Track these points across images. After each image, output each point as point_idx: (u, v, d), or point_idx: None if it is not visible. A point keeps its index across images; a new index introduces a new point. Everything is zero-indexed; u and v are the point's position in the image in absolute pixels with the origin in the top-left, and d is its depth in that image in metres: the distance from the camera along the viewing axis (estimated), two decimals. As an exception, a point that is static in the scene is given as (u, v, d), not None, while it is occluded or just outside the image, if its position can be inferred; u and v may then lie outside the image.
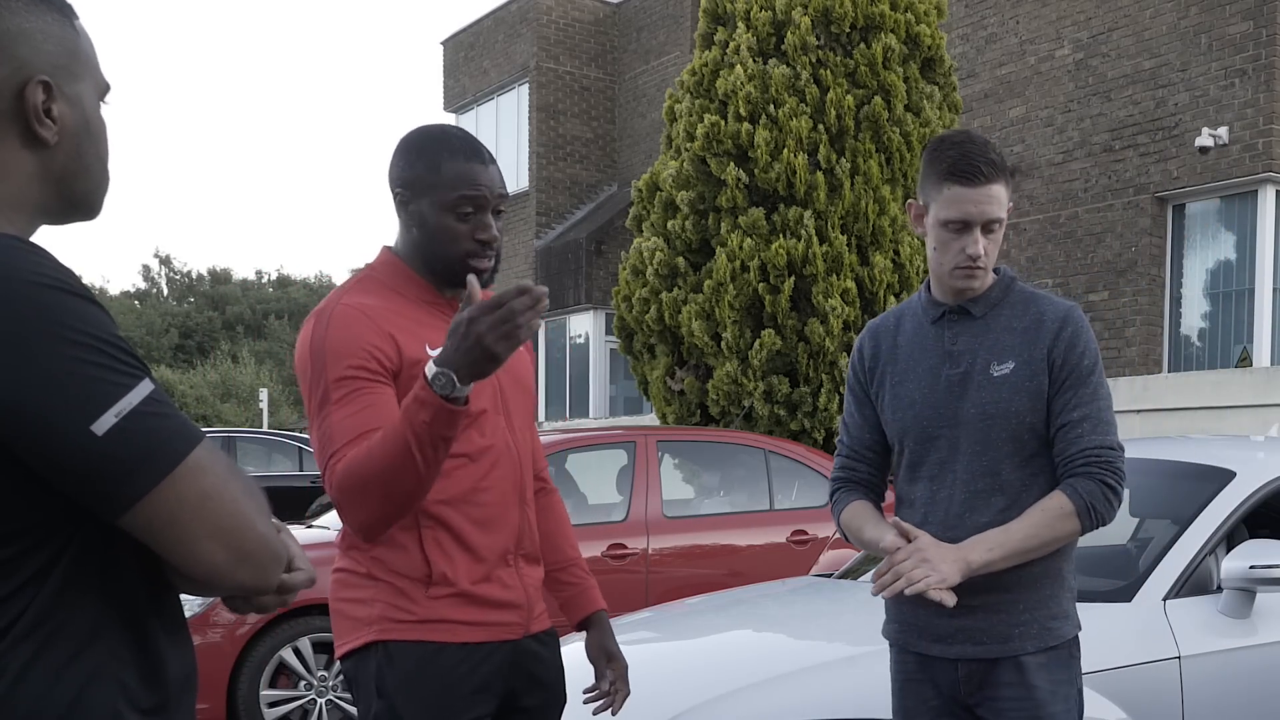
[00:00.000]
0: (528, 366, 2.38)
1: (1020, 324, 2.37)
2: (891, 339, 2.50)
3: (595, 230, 18.36)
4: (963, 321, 2.41)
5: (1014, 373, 2.34)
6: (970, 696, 2.40)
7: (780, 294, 8.97)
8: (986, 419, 2.34)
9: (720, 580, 5.98)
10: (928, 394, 2.40)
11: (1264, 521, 4.18)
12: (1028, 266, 12.89)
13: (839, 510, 2.55)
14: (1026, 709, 2.35)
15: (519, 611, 2.26)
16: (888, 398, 2.46)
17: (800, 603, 4.21)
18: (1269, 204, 11.39)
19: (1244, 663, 3.34)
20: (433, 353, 2.09)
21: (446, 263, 2.19)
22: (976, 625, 2.36)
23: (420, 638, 2.15)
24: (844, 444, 2.57)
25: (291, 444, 14.15)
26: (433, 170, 2.17)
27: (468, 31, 20.88)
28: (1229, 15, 11.20)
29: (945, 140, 2.38)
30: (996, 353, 2.36)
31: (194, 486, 1.19)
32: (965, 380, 2.37)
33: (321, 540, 6.08)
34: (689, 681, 3.30)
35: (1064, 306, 2.39)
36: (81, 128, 1.30)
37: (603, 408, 18.67)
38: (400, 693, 2.15)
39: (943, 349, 2.41)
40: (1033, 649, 2.35)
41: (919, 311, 2.49)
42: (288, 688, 5.76)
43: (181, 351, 46.64)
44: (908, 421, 2.42)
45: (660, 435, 6.97)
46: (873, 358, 2.51)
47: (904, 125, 9.29)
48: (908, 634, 2.47)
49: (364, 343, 2.08)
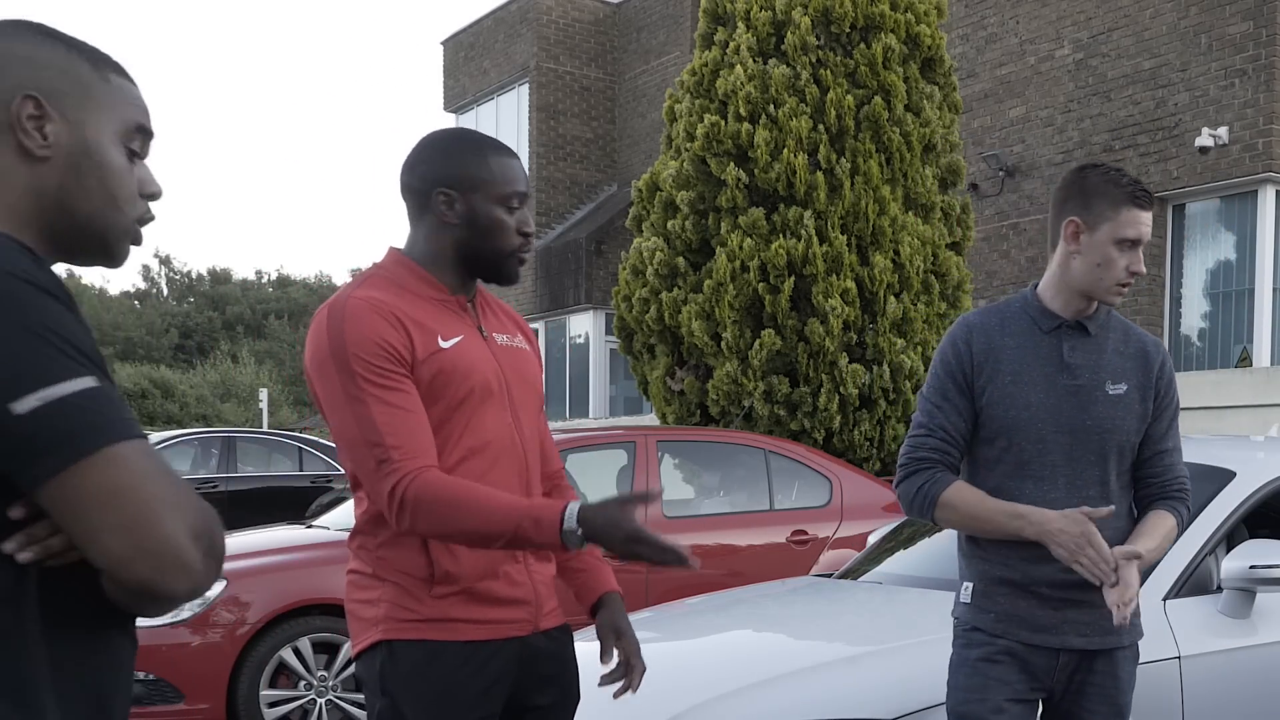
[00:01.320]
0: (535, 366, 2.40)
1: (1128, 349, 2.64)
2: (999, 338, 2.62)
3: (595, 230, 18.36)
4: (1078, 336, 2.61)
5: (1127, 394, 2.60)
6: (1060, 684, 2.60)
7: (780, 294, 8.97)
8: (1103, 432, 2.57)
9: (720, 580, 5.97)
10: (1044, 398, 2.56)
11: (1264, 521, 4.18)
12: (1028, 266, 12.89)
13: (939, 488, 2.57)
14: (1109, 697, 2.59)
15: (527, 608, 2.27)
16: (998, 394, 2.57)
17: (800, 603, 4.21)
18: (1269, 204, 11.39)
19: (1244, 663, 3.34)
20: (445, 344, 2.16)
21: (496, 256, 2.24)
22: (1083, 618, 2.56)
23: (424, 636, 2.17)
24: (936, 426, 2.61)
25: (291, 444, 14.15)
26: (482, 167, 2.22)
27: (468, 31, 20.87)
28: (1229, 15, 11.20)
29: (1113, 170, 2.61)
30: (1111, 373, 2.60)
31: (105, 478, 1.21)
32: (1081, 393, 2.57)
33: (321, 540, 6.08)
34: (689, 681, 3.29)
35: (1158, 340, 2.72)
36: (80, 151, 1.37)
37: (603, 408, 18.67)
38: (403, 691, 2.17)
39: (1059, 359, 2.58)
40: (1126, 642, 2.61)
41: (1028, 319, 2.62)
42: (288, 688, 5.75)
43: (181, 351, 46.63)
44: (1023, 421, 2.56)
45: (660, 435, 6.97)
46: (983, 352, 2.60)
47: (904, 125, 9.28)
48: (1006, 624, 2.60)
49: (382, 334, 2.11)
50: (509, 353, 2.31)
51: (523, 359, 2.34)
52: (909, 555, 4.38)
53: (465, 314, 2.26)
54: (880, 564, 4.34)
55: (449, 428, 2.16)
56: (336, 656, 5.82)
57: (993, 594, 2.61)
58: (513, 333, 2.36)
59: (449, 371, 2.16)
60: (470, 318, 2.27)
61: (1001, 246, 13.16)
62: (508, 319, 2.39)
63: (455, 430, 2.17)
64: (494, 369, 2.25)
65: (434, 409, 2.15)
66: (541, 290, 18.94)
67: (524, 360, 2.34)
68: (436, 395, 2.15)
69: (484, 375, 2.22)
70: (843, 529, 6.68)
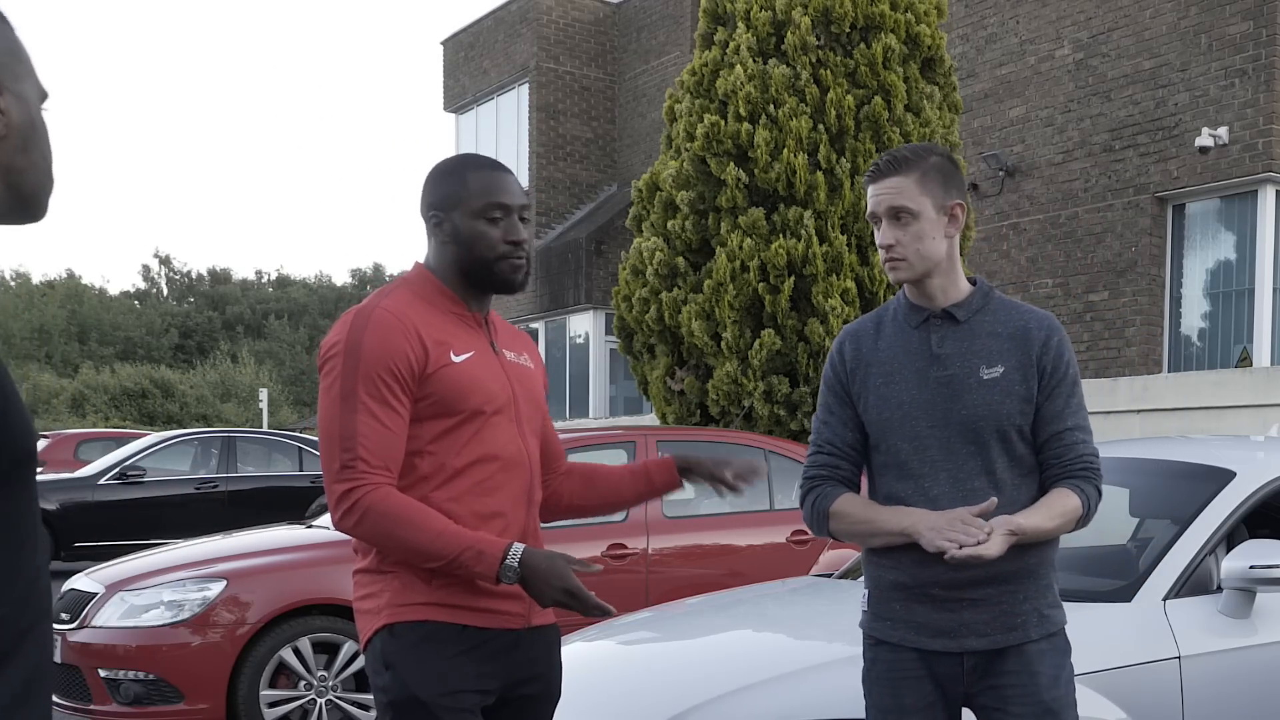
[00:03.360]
0: (540, 385, 2.53)
1: (1005, 329, 2.48)
2: (872, 341, 2.56)
3: (595, 230, 18.36)
4: (947, 325, 2.50)
5: (1004, 376, 2.44)
6: (973, 687, 2.47)
7: (780, 294, 8.97)
8: (978, 420, 2.43)
9: (720, 580, 5.98)
10: (916, 395, 2.47)
11: (1264, 521, 4.18)
12: (1028, 266, 12.89)
13: (828, 502, 2.54)
14: (1031, 694, 2.43)
15: (521, 603, 2.35)
16: (872, 398, 2.51)
17: (800, 603, 4.21)
18: (1269, 204, 11.39)
19: (1244, 663, 3.34)
20: (457, 358, 2.30)
21: (484, 266, 2.36)
22: (980, 618, 2.44)
23: (424, 618, 2.27)
24: (823, 442, 2.59)
25: (291, 444, 14.15)
26: (460, 185, 2.36)
27: (468, 31, 20.88)
28: (1229, 15, 11.20)
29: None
30: (984, 356, 2.46)
31: None
32: (953, 382, 2.46)
33: (321, 540, 6.08)
34: (689, 681, 3.29)
35: (1047, 315, 2.53)
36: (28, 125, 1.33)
37: (603, 408, 18.68)
38: (404, 661, 2.26)
39: (928, 352, 2.49)
40: (1035, 636, 2.45)
41: (899, 316, 2.56)
42: (288, 688, 5.75)
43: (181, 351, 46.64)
44: (895, 421, 2.48)
45: (660, 435, 6.97)
46: (854, 359, 2.56)
47: (904, 125, 9.29)
48: (903, 631, 2.49)
49: (398, 350, 2.25)
50: (518, 370, 2.45)
51: (530, 377, 2.48)
52: (909, 555, 4.38)
53: (480, 330, 2.41)
54: (880, 564, 4.33)
55: (457, 436, 2.29)
56: (336, 656, 5.82)
57: (888, 600, 2.51)
58: (520, 351, 2.50)
59: (459, 384, 2.29)
60: (484, 334, 2.41)
61: (1001, 246, 13.16)
62: (515, 339, 2.53)
63: (463, 439, 2.30)
64: (504, 384, 2.38)
65: (445, 419, 2.29)
66: (541, 290, 18.94)
67: (531, 378, 2.48)
68: (448, 406, 2.28)
69: (493, 389, 2.34)
70: (843, 529, 6.67)
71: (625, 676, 3.47)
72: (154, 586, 5.68)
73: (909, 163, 2.47)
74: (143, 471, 12.55)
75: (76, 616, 5.72)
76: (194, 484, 12.79)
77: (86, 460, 15.88)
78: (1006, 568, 2.39)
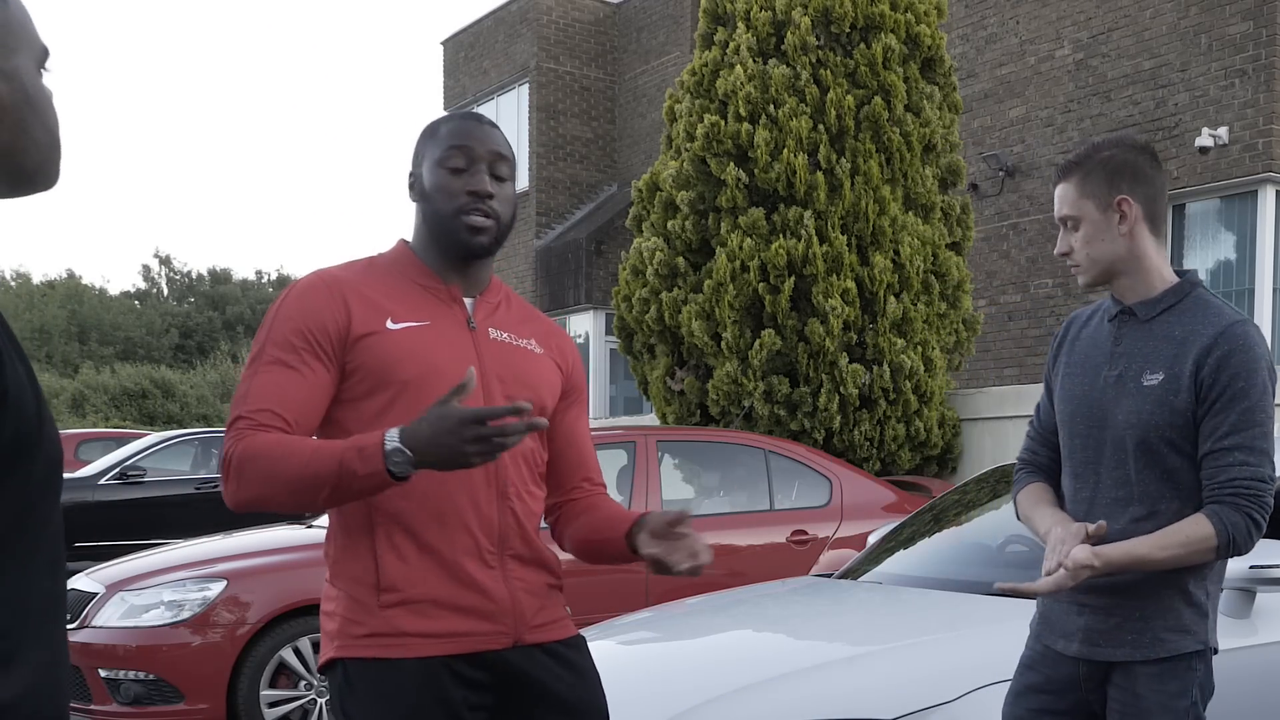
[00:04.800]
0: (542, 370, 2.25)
1: (1181, 333, 2.34)
2: (1079, 330, 2.54)
3: (595, 230, 18.36)
4: (1130, 323, 2.42)
5: (1160, 385, 2.33)
6: (1090, 694, 2.45)
7: (780, 294, 8.97)
8: (1129, 427, 2.35)
9: (720, 580, 5.98)
10: (1088, 391, 2.43)
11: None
12: (1028, 266, 12.89)
13: (1016, 490, 2.58)
14: (1127, 714, 2.37)
15: (502, 620, 2.10)
16: (1058, 388, 2.52)
17: (800, 603, 4.21)
18: (1269, 204, 11.38)
19: (1244, 663, 3.33)
20: (394, 326, 2.08)
21: (442, 221, 2.12)
22: (1095, 626, 2.40)
23: (374, 654, 2.04)
24: (1032, 426, 2.61)
25: (291, 444, 14.15)
26: (430, 139, 2.17)
27: (468, 31, 20.87)
28: (1229, 15, 11.20)
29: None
30: (1151, 361, 2.36)
31: None
32: (1119, 384, 2.39)
33: (321, 540, 6.08)
34: (689, 681, 3.30)
35: (1224, 321, 2.33)
36: (22, 102, 1.28)
37: (603, 408, 18.67)
38: (361, 715, 2.05)
39: (1110, 349, 2.43)
40: (1142, 657, 2.36)
41: (1106, 307, 2.50)
42: (288, 688, 5.75)
43: (181, 351, 46.62)
44: (1066, 415, 2.47)
45: (660, 435, 6.97)
46: (1059, 346, 2.56)
47: (904, 125, 9.29)
48: (1043, 626, 2.54)
49: (313, 313, 2.05)
50: (502, 349, 2.18)
51: (522, 359, 2.20)
52: (909, 555, 4.38)
53: (455, 304, 2.16)
54: (880, 564, 4.34)
55: (394, 416, 2.02)
56: (336, 656, 5.82)
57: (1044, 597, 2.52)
58: (520, 333, 2.23)
59: (388, 352, 2.06)
60: (462, 309, 2.17)
61: (1001, 246, 13.16)
62: (522, 320, 2.27)
63: (399, 416, 2.01)
64: (464, 360, 2.10)
65: (380, 394, 2.06)
66: (541, 290, 18.93)
67: (523, 360, 2.20)
68: (378, 378, 2.06)
69: (439, 364, 2.08)
70: (843, 529, 6.68)
71: (625, 676, 3.47)
72: (154, 586, 5.69)
73: (1074, 167, 2.41)
74: (143, 471, 12.55)
75: (77, 616, 5.72)
76: (194, 484, 12.79)
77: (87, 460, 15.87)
78: (1126, 582, 2.34)
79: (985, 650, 3.10)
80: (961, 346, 9.87)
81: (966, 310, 9.72)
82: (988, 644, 3.12)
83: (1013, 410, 9.65)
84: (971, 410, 10.04)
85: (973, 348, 10.10)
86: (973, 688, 3.03)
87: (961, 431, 9.94)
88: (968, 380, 12.55)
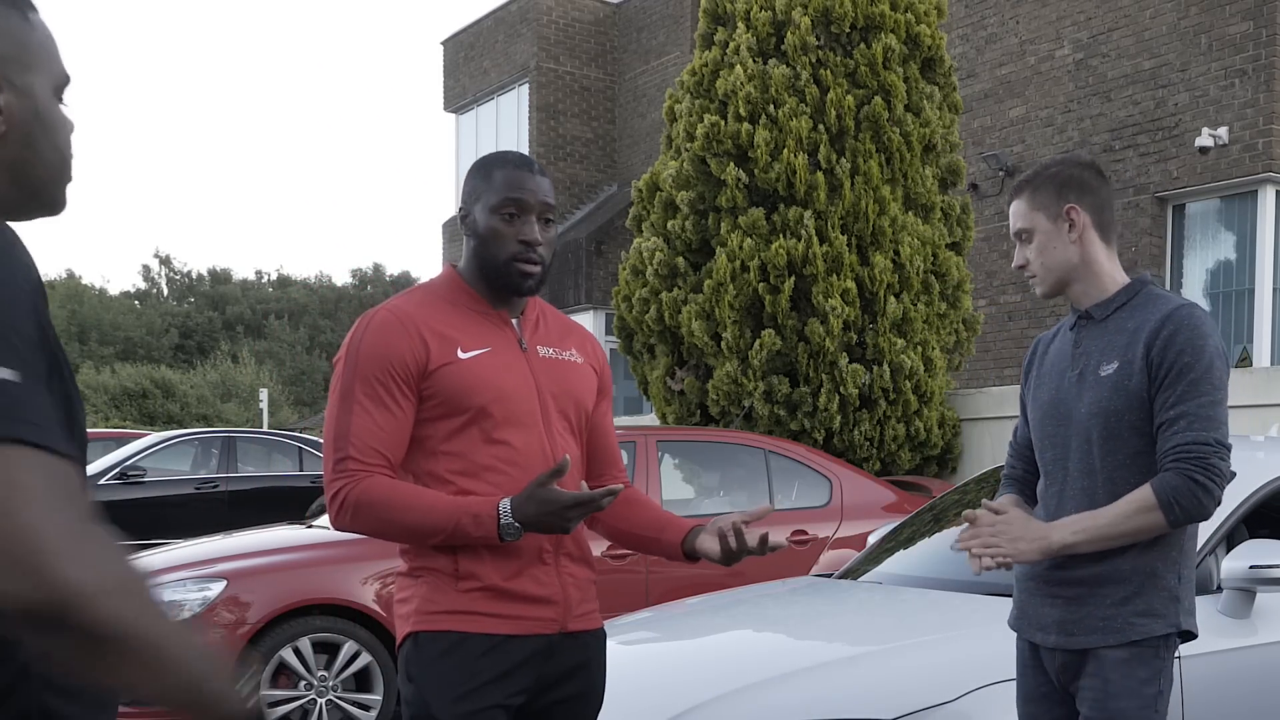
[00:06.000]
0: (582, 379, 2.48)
1: (1134, 324, 2.47)
2: (1046, 347, 2.67)
3: (595, 230, 18.36)
4: (1088, 325, 2.55)
5: (1116, 372, 2.44)
6: (1068, 685, 2.53)
7: (780, 294, 8.97)
8: (1091, 418, 2.45)
9: (720, 580, 5.97)
10: (1054, 394, 2.55)
11: (1264, 521, 4.18)
12: (1028, 266, 12.90)
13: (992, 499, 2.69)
14: (1097, 702, 2.43)
15: (554, 608, 2.34)
16: (1030, 401, 2.65)
17: (800, 603, 4.21)
18: (1269, 204, 11.38)
19: (1244, 663, 3.34)
20: (464, 355, 2.29)
21: (496, 265, 2.33)
22: (1068, 617, 2.48)
23: (447, 628, 2.27)
24: (1011, 445, 2.77)
25: (291, 444, 14.15)
26: (486, 180, 2.36)
27: (468, 31, 20.87)
28: (1229, 15, 11.19)
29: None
30: (1107, 353, 2.48)
31: None
32: (1080, 380, 2.51)
33: (321, 540, 6.08)
34: (689, 681, 3.30)
35: (1171, 306, 2.45)
36: (32, 118, 1.29)
37: (603, 408, 18.66)
38: (424, 676, 2.27)
39: (1071, 352, 2.56)
40: (1114, 642, 2.43)
41: (1067, 320, 2.66)
42: (288, 688, 5.75)
43: (181, 351, 46.61)
44: (1037, 420, 2.59)
45: (660, 435, 6.97)
46: (1029, 366, 2.70)
47: (904, 125, 9.28)
48: (1021, 621, 2.61)
49: (396, 349, 2.26)
50: (551, 365, 2.41)
51: (567, 371, 2.43)
52: (909, 555, 4.38)
53: (506, 328, 2.38)
54: (880, 564, 4.34)
55: (467, 436, 2.29)
56: (336, 656, 5.82)
57: (1019, 589, 2.64)
58: (563, 346, 2.46)
59: (462, 381, 2.28)
60: (512, 331, 2.39)
61: (1001, 246, 13.16)
62: (561, 332, 2.50)
63: (476, 438, 2.29)
64: (524, 381, 2.35)
65: (454, 418, 2.29)
66: (542, 290, 18.93)
67: (568, 373, 2.44)
68: (453, 404, 2.28)
69: (507, 387, 2.32)
70: (843, 529, 6.68)
71: (625, 676, 3.47)
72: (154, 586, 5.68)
73: (1024, 185, 2.56)
74: (143, 471, 12.55)
75: (77, 616, 5.72)
76: (194, 484, 12.80)
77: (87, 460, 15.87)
78: (1091, 570, 2.43)
79: (985, 650, 3.10)
80: (961, 346, 9.87)
81: (966, 310, 9.72)
82: (988, 644, 3.12)
83: (1012, 410, 9.63)
84: (971, 410, 10.04)
85: (973, 348, 10.09)
86: (973, 688, 3.03)
87: (961, 431, 9.94)
88: (968, 380, 12.55)
